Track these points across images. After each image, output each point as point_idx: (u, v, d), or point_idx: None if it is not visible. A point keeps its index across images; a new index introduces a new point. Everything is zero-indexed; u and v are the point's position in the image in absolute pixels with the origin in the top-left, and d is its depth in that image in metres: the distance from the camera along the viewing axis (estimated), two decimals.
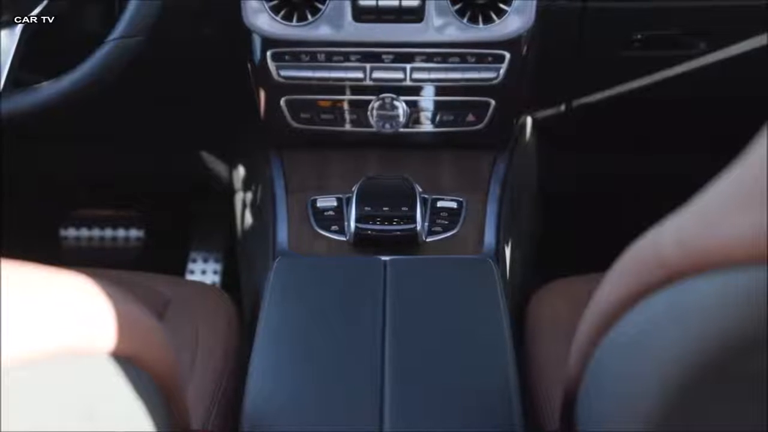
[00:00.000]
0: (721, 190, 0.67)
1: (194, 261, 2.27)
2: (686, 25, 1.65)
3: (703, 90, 1.77)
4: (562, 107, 1.82)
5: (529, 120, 1.79)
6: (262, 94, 1.60)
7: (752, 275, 0.62)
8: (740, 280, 0.63)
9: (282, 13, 1.51)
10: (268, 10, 1.51)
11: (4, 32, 1.40)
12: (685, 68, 1.71)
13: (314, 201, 1.54)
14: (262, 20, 1.51)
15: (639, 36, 1.65)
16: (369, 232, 1.46)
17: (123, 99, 1.69)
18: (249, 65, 1.59)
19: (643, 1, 1.61)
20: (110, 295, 0.77)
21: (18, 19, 1.40)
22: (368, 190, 1.51)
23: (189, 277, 2.25)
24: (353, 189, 1.51)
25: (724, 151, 0.90)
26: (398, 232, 1.46)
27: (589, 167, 2.11)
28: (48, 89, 1.41)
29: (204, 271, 2.27)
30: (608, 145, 2.03)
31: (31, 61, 1.43)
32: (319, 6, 1.51)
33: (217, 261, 2.27)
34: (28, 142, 2.01)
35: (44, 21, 1.42)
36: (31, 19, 1.41)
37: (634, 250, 0.78)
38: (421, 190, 1.52)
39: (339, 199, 1.53)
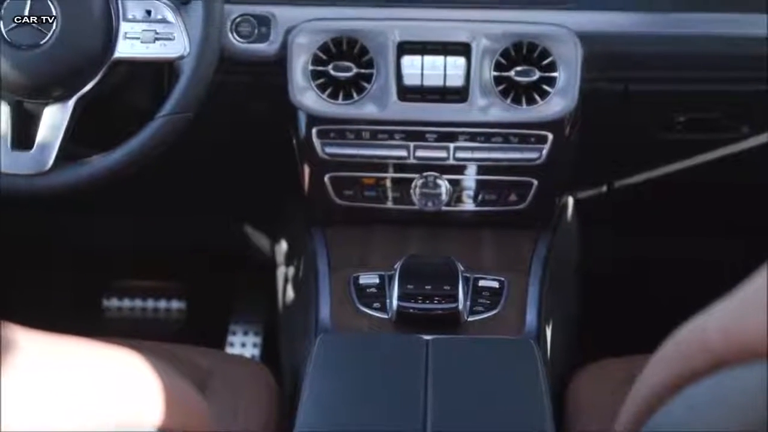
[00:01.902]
0: (765, 281, 0.67)
1: (234, 333, 2.28)
2: (728, 109, 1.66)
3: (745, 174, 1.77)
4: (604, 188, 1.83)
5: (570, 200, 1.79)
6: (307, 171, 1.62)
7: None
8: None
9: (328, 91, 1.53)
10: (315, 88, 1.52)
11: (57, 106, 1.43)
12: (727, 152, 1.71)
13: (356, 278, 1.55)
14: (308, 98, 1.53)
15: (681, 118, 1.66)
16: (411, 310, 1.47)
17: (169, 171, 1.72)
18: (294, 141, 1.61)
19: (684, 84, 1.62)
20: (157, 370, 0.78)
21: (71, 94, 1.43)
22: (411, 268, 1.52)
23: (228, 349, 2.26)
24: (395, 267, 1.52)
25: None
26: (440, 311, 1.46)
27: (630, 248, 2.11)
28: (98, 163, 1.44)
29: (244, 344, 2.27)
30: (649, 226, 2.03)
31: (82, 135, 1.46)
32: (365, 85, 1.52)
33: (256, 334, 2.28)
34: (73, 213, 2.04)
35: (96, 96, 1.45)
36: (84, 94, 1.44)
37: (678, 337, 0.78)
38: (462, 268, 1.52)
39: (381, 277, 1.54)
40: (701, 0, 1.55)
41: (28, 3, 1.39)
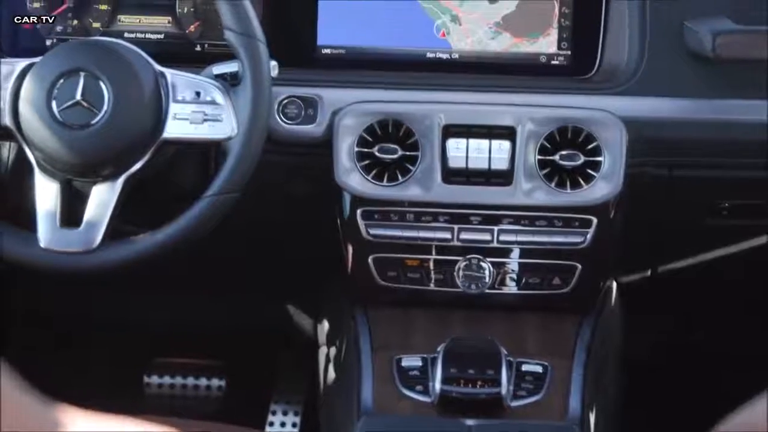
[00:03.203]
0: None
1: (274, 413, 2.27)
2: None
3: None
4: (648, 272, 1.82)
5: (614, 284, 1.78)
6: (350, 251, 1.62)
7: None
8: None
9: (373, 172, 1.54)
10: (360, 169, 1.54)
11: (106, 185, 1.44)
12: None
13: (399, 360, 1.54)
14: (353, 179, 1.54)
15: (725, 204, 1.66)
16: (454, 394, 1.46)
17: (212, 249, 1.73)
18: (338, 221, 1.62)
19: (727, 170, 1.61)
20: None
21: (119, 173, 1.44)
22: (454, 351, 1.51)
23: (268, 429, 2.25)
24: (438, 349, 1.52)
25: None
26: (483, 396, 1.46)
27: (675, 334, 2.09)
28: (145, 241, 1.45)
29: (283, 423, 2.26)
30: (694, 312, 2.02)
31: (129, 213, 1.47)
32: (410, 167, 1.53)
33: (296, 414, 2.27)
34: (117, 289, 2.05)
35: (144, 175, 1.47)
36: (132, 174, 1.45)
37: (728, 427, 0.77)
38: (506, 352, 1.52)
39: (424, 359, 1.53)
40: (741, 86, 1.56)
41: (81, 84, 1.41)
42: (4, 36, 1.67)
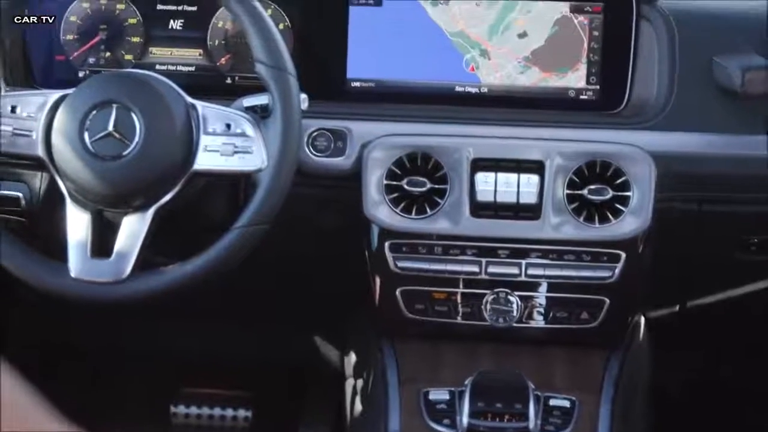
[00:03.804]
0: None
1: None
2: None
3: None
4: (676, 307, 1.81)
5: (642, 319, 1.78)
6: (378, 283, 1.63)
7: None
8: None
9: (401, 205, 1.54)
10: (388, 202, 1.54)
11: (137, 216, 1.45)
12: None
13: (426, 393, 1.54)
14: (381, 212, 1.55)
15: (755, 239, 1.65)
16: (481, 428, 1.46)
17: (239, 280, 1.73)
18: (366, 254, 1.62)
19: (756, 206, 1.61)
20: None
21: (150, 204, 1.45)
22: (481, 384, 1.51)
23: None
24: (466, 383, 1.52)
25: None
26: (511, 430, 1.46)
27: (703, 370, 2.08)
28: (175, 272, 1.45)
29: None
30: (722, 347, 2.00)
31: (159, 244, 1.48)
32: (438, 200, 1.54)
33: None
34: (145, 319, 2.06)
35: (174, 206, 1.47)
36: (162, 205, 1.46)
37: None
38: (533, 386, 1.51)
39: (451, 392, 1.53)
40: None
41: (113, 116, 1.42)
42: (37, 68, 1.68)
